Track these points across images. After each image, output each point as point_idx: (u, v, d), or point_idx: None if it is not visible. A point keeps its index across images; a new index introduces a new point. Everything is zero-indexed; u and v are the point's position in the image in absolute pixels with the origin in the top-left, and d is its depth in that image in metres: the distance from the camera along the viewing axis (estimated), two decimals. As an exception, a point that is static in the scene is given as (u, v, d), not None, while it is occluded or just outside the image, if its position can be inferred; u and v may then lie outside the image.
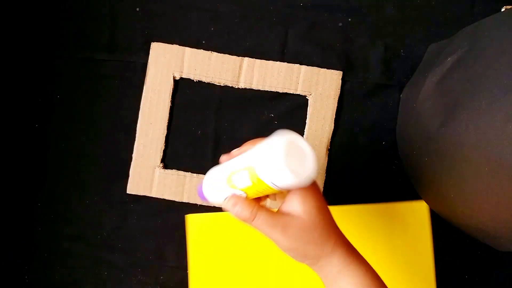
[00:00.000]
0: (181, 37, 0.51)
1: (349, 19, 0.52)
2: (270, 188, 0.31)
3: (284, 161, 0.29)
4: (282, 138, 0.30)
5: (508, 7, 0.51)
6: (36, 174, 0.51)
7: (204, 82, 0.51)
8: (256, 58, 0.51)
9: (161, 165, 0.51)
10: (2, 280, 0.51)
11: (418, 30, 0.53)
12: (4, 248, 0.51)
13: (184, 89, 0.51)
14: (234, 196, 0.35)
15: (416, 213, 0.53)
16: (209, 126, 0.52)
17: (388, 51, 0.53)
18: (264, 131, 0.51)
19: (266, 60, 0.51)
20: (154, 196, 0.51)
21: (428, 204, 0.52)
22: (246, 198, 0.34)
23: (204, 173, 0.47)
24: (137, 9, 0.51)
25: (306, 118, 0.51)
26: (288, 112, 0.52)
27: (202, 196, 0.39)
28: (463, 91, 0.39)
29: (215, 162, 0.50)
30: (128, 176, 0.52)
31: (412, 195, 0.53)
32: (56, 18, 0.51)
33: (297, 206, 0.34)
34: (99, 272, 0.52)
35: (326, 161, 0.52)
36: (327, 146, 0.52)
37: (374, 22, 0.53)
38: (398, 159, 0.53)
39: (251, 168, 0.32)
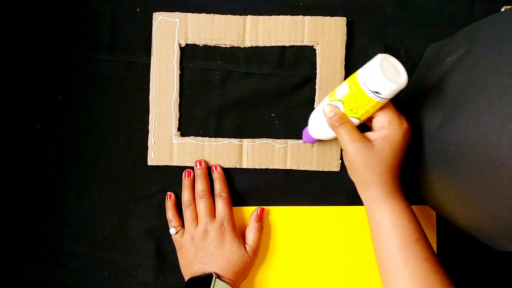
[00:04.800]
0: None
1: (349, 19, 0.52)
2: (364, 95, 0.38)
3: (379, 66, 0.37)
4: (379, 55, 0.38)
5: (508, 7, 0.51)
6: (36, 174, 0.51)
7: (210, 45, 0.51)
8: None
9: (178, 133, 0.51)
10: (2, 280, 0.51)
11: (418, 30, 0.53)
12: (4, 248, 0.51)
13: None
14: (332, 104, 0.41)
15: (423, 218, 0.53)
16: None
17: (388, 51, 0.53)
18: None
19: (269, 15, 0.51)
20: (175, 165, 0.51)
21: (428, 204, 0.52)
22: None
23: (222, 136, 0.51)
24: (137, 9, 0.51)
25: (316, 68, 0.51)
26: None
27: (308, 138, 0.48)
28: (463, 91, 0.39)
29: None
30: (128, 175, 0.52)
31: (412, 196, 0.53)
32: (56, 18, 0.51)
33: (377, 137, 0.40)
34: (99, 272, 0.52)
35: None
36: None
37: (374, 22, 0.53)
38: (398, 159, 0.53)
39: (352, 77, 0.40)
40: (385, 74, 0.37)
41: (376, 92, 0.38)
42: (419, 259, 0.37)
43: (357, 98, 0.39)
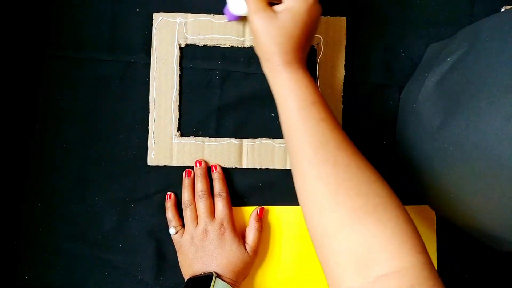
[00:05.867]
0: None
1: (349, 19, 0.52)
2: None
3: None
4: None
5: (508, 7, 0.51)
6: (36, 174, 0.51)
7: (210, 46, 0.51)
8: None
9: (178, 133, 0.51)
10: (2, 280, 0.51)
11: (418, 30, 0.53)
12: (4, 248, 0.51)
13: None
14: None
15: (423, 218, 0.53)
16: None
17: (388, 51, 0.53)
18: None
19: None
20: (175, 165, 0.51)
21: (428, 204, 0.52)
22: None
23: (222, 136, 0.51)
24: (137, 9, 0.51)
25: (315, 68, 0.51)
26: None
27: (230, 16, 0.48)
28: (463, 91, 0.39)
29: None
30: (127, 175, 0.52)
31: (412, 196, 0.53)
32: (56, 18, 0.51)
33: (282, 8, 0.40)
34: (99, 272, 0.52)
35: (342, 108, 0.52)
36: (341, 93, 0.52)
37: (374, 22, 0.53)
38: (398, 159, 0.53)
39: None
40: None
41: None
42: (315, 119, 0.38)
43: None
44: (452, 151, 0.39)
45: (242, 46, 0.51)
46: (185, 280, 0.48)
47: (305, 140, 0.38)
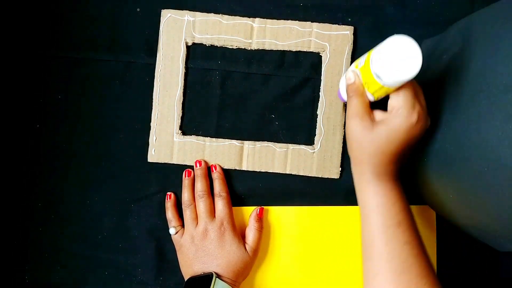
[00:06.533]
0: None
1: (349, 19, 0.52)
2: (370, 73, 0.36)
3: (388, 48, 0.34)
4: (395, 36, 0.35)
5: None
6: (36, 174, 0.51)
7: (217, 46, 0.51)
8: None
9: (180, 132, 0.51)
10: (2, 280, 0.51)
11: (418, 30, 0.53)
12: (4, 248, 0.51)
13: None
14: (355, 72, 0.40)
15: (423, 218, 0.53)
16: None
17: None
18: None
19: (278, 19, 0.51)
20: (175, 164, 0.51)
21: (428, 203, 0.52)
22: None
23: (222, 137, 0.51)
24: (138, 9, 0.51)
25: (321, 75, 0.51)
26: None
27: (341, 97, 0.46)
28: (463, 91, 0.39)
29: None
30: (128, 175, 0.52)
31: (412, 196, 0.53)
32: (56, 18, 0.51)
33: (380, 119, 0.39)
34: (99, 272, 0.52)
35: (344, 116, 0.52)
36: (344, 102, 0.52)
37: (374, 22, 0.53)
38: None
39: (372, 49, 0.37)
40: (391, 59, 0.34)
41: (377, 75, 0.36)
42: (400, 242, 0.38)
43: (368, 74, 0.37)
44: (452, 151, 0.39)
45: (249, 48, 0.51)
46: (185, 280, 0.48)
47: (386, 261, 0.37)
